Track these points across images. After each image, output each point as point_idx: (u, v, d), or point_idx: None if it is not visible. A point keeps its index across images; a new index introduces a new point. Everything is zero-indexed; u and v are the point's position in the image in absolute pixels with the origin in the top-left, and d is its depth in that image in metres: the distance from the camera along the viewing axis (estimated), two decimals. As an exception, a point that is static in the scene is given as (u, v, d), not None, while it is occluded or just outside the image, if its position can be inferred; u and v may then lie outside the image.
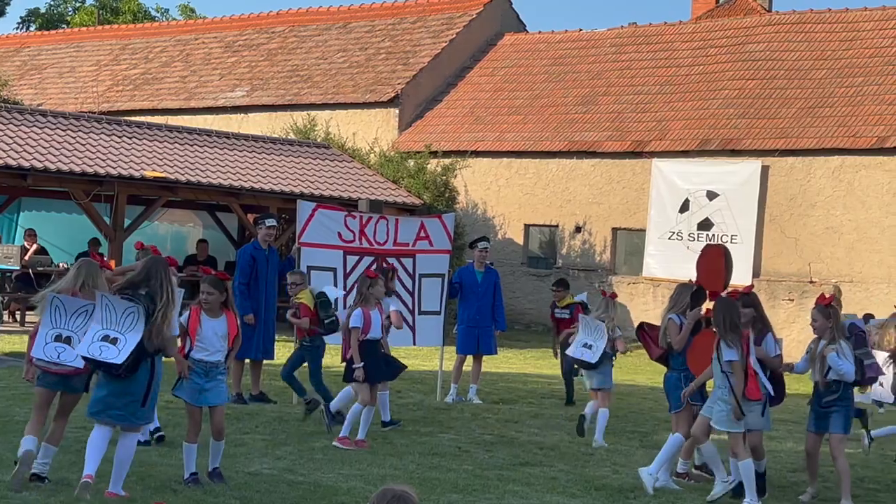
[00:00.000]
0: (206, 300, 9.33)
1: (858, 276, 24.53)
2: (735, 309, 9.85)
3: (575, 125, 29.26)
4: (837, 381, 10.01)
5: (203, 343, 9.28)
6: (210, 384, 9.31)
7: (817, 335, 10.22)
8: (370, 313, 11.92)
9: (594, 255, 28.51)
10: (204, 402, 9.32)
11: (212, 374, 9.31)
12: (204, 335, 9.28)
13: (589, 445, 12.70)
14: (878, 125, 24.91)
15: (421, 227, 15.18)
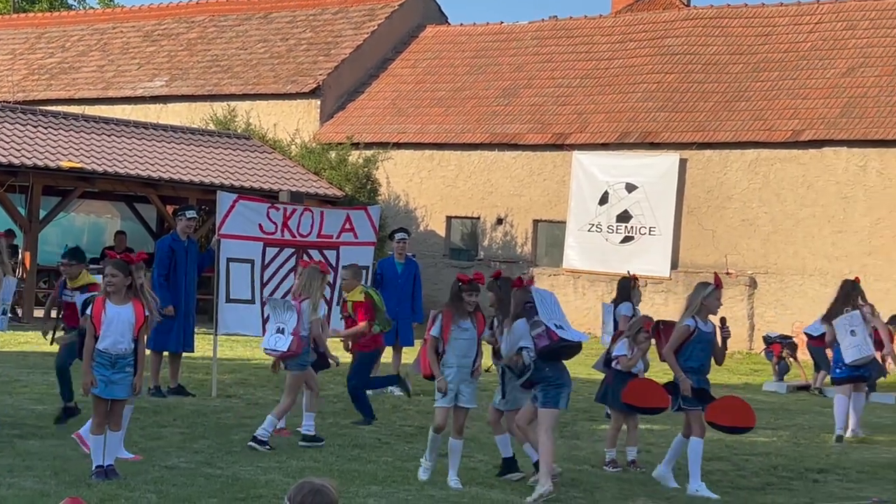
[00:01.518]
0: (111, 282, 8.98)
1: (774, 268, 24.93)
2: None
3: (496, 117, 29.36)
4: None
5: (109, 332, 9.00)
6: (118, 376, 9.07)
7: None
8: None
9: (515, 246, 28.65)
10: (110, 395, 9.12)
11: (119, 364, 9.05)
12: (109, 323, 8.99)
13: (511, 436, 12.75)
14: (793, 119, 25.32)
15: (346, 219, 15.13)
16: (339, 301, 13.83)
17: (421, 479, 9.81)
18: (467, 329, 9.77)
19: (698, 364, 10.18)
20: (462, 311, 9.78)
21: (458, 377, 9.79)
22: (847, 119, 24.66)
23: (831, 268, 24.05)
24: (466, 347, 9.77)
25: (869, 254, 23.89)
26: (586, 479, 10.58)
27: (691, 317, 10.15)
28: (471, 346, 9.81)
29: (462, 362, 9.79)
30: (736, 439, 12.77)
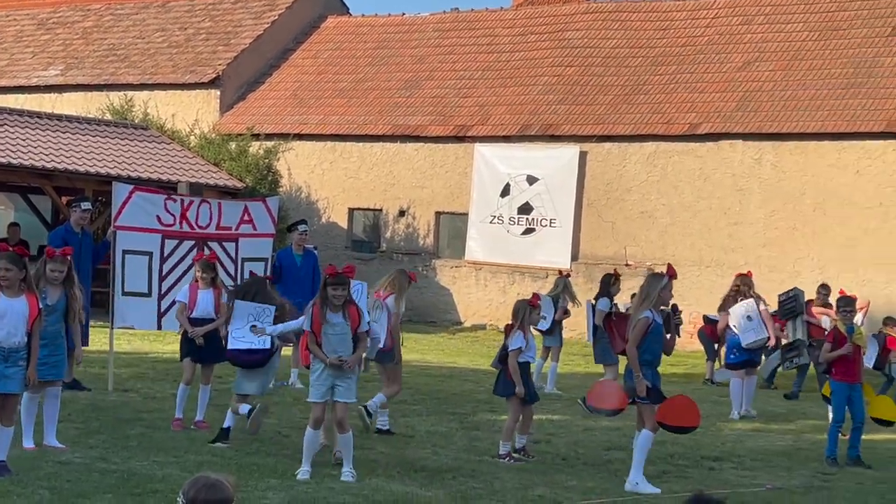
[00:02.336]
0: (5, 276, 8.87)
1: (671, 259, 25.21)
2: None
3: (399, 109, 29.31)
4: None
5: (2, 325, 8.87)
6: (11, 370, 8.92)
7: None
8: (199, 292, 11.74)
9: (418, 238, 28.66)
10: (3, 389, 8.93)
11: (12, 358, 8.91)
12: (2, 316, 8.87)
13: (411, 428, 12.76)
14: (690, 112, 25.69)
15: (245, 210, 14.97)
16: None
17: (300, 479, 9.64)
18: (337, 324, 9.67)
19: (652, 357, 10.25)
20: (330, 305, 9.69)
21: (332, 372, 9.69)
22: (743, 113, 25.08)
23: (727, 259, 24.46)
24: (336, 342, 9.67)
25: (764, 245, 24.34)
26: (486, 470, 10.62)
27: (648, 309, 10.19)
28: (341, 341, 9.66)
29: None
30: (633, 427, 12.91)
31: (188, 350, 11.75)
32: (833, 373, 12.43)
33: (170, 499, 8.45)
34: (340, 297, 9.67)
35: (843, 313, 12.51)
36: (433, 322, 27.57)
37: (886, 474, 11.75)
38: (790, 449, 13.08)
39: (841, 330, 12.39)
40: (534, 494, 9.68)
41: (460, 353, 22.09)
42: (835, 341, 12.35)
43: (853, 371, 12.39)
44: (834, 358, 12.31)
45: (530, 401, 11.43)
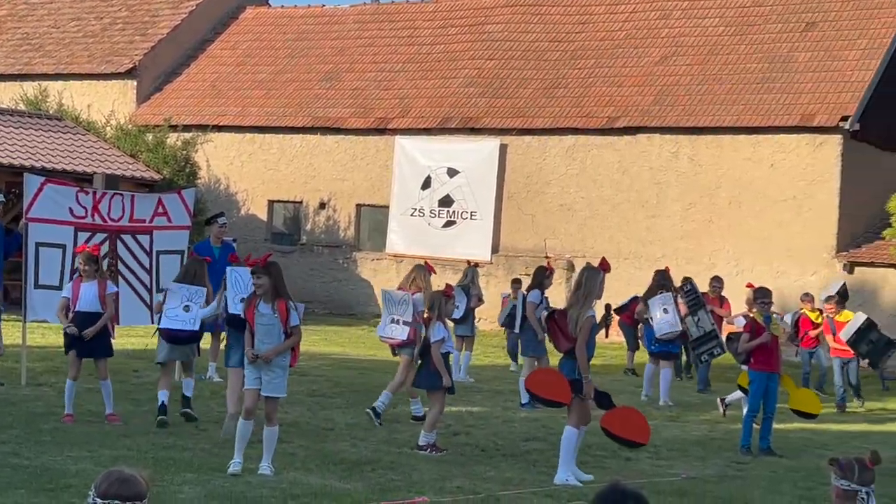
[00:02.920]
0: None
1: (590, 252, 25.42)
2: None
3: (319, 101, 29.17)
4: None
5: None
6: None
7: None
8: (81, 285, 11.61)
9: (338, 231, 28.55)
10: None
11: None
12: None
13: (330, 421, 12.70)
14: (609, 106, 25.89)
15: (159, 202, 14.79)
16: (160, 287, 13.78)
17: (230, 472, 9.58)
18: (265, 314, 9.63)
19: (591, 353, 10.32)
20: (260, 295, 9.66)
21: (259, 363, 9.64)
22: (660, 107, 25.34)
23: (645, 251, 24.71)
24: (263, 332, 9.61)
25: (681, 238, 24.63)
26: (405, 462, 10.62)
27: (591, 306, 10.21)
28: (268, 332, 9.61)
29: (258, 347, 9.63)
30: (551, 419, 13.00)
31: (70, 344, 11.65)
32: (752, 363, 12.62)
33: (83, 493, 8.33)
34: (259, 286, 9.62)
35: (761, 304, 12.70)
36: (353, 315, 27.50)
37: (799, 463, 11.96)
38: (705, 439, 13.25)
39: (758, 320, 12.58)
40: (452, 486, 9.70)
41: (381, 346, 21.98)
42: (752, 332, 12.53)
43: (772, 361, 12.59)
44: (752, 348, 12.49)
45: (450, 392, 11.45)
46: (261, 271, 9.65)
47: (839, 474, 5.49)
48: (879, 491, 5.75)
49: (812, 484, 10.41)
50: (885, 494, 9.95)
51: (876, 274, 22.85)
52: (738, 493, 10.18)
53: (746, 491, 10.30)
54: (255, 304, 9.66)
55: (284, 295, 9.71)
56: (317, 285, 28.45)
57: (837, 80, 24.01)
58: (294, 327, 9.72)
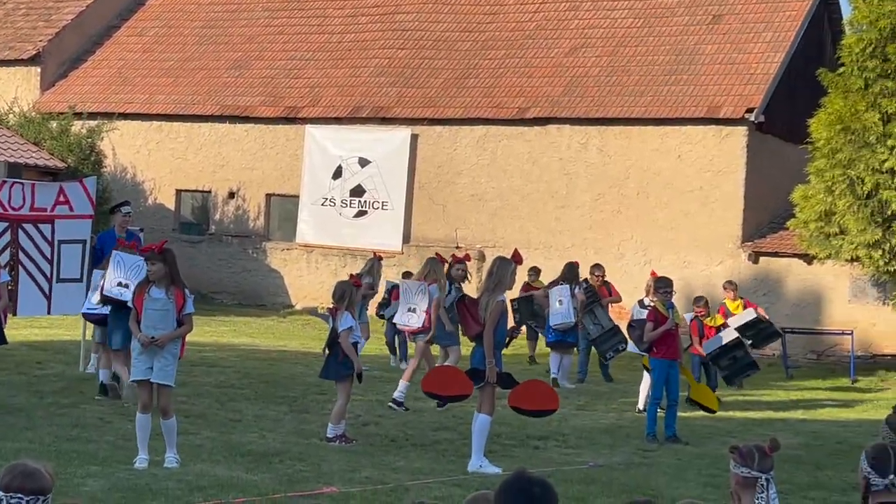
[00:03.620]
0: None
1: (501, 242, 25.53)
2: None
3: (227, 89, 28.86)
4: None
5: None
6: None
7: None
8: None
9: (248, 221, 28.31)
10: None
11: None
12: None
13: (238, 412, 12.59)
14: (519, 97, 25.99)
15: (60, 191, 14.51)
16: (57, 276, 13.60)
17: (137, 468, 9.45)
18: (158, 299, 9.50)
19: (501, 338, 10.39)
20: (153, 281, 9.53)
21: (148, 350, 9.51)
22: (570, 98, 25.50)
23: (555, 241, 24.87)
24: (157, 318, 9.48)
25: (590, 228, 24.83)
26: (314, 453, 10.57)
27: (502, 293, 10.27)
28: (162, 318, 9.48)
29: (150, 334, 9.49)
30: (461, 410, 13.05)
31: None
32: (654, 351, 12.78)
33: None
34: (153, 272, 9.50)
35: (662, 293, 12.86)
36: (263, 305, 27.30)
37: (704, 450, 12.14)
38: (613, 427, 13.40)
39: (660, 310, 12.73)
40: (361, 476, 9.68)
41: (291, 337, 21.93)
42: (655, 321, 12.69)
43: (673, 349, 12.77)
44: (657, 337, 12.65)
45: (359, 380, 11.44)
46: (155, 257, 9.53)
47: (739, 462, 5.57)
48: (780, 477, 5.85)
49: (716, 471, 10.56)
50: (785, 481, 10.16)
51: (780, 264, 23.28)
52: (644, 480, 10.30)
53: (652, 478, 10.42)
54: (147, 290, 9.53)
55: (179, 282, 9.59)
56: (225, 275, 28.19)
57: (743, 73, 24.38)
58: (187, 315, 9.60)
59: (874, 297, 22.39)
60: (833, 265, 21.50)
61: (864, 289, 22.46)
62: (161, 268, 9.47)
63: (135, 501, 8.32)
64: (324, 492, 8.82)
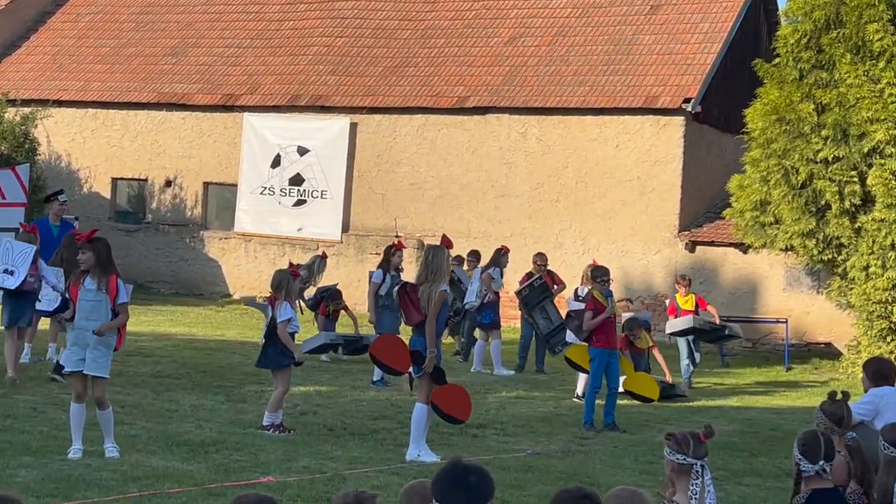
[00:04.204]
0: None
1: (440, 231, 25.46)
2: None
3: (164, 76, 28.57)
4: None
5: None
6: None
7: None
8: None
9: (185, 209, 28.05)
10: None
11: None
12: None
13: (174, 402, 12.48)
14: (459, 86, 25.98)
15: (-8, 179, 14.32)
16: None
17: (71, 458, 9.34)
18: (90, 290, 9.40)
19: (442, 328, 10.44)
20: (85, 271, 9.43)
21: (81, 340, 9.39)
22: (509, 87, 25.54)
23: (494, 231, 24.91)
24: (89, 309, 9.38)
25: (529, 217, 24.90)
26: (251, 443, 10.51)
27: (443, 282, 10.24)
28: (94, 308, 9.39)
29: (83, 324, 9.40)
30: (400, 399, 13.04)
31: None
32: (593, 340, 12.84)
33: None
34: (84, 261, 9.39)
35: (600, 282, 12.93)
36: (201, 294, 27.09)
37: (640, 437, 12.24)
38: (551, 415, 13.46)
39: (599, 299, 12.80)
40: (298, 465, 9.64)
41: (229, 326, 21.76)
42: (594, 310, 12.75)
43: (612, 338, 12.85)
44: (596, 325, 12.72)
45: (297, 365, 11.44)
46: (85, 246, 9.42)
47: (675, 449, 5.61)
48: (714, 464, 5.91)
49: (653, 458, 10.65)
50: (720, 468, 10.27)
51: (716, 253, 23.50)
52: (580, 467, 10.36)
53: (589, 465, 10.49)
54: (82, 280, 9.41)
55: (112, 271, 9.48)
56: (162, 265, 27.94)
57: (680, 63, 24.55)
58: (121, 305, 9.48)
59: (808, 286, 22.69)
60: (768, 254, 21.75)
61: (798, 278, 22.75)
62: (90, 257, 9.36)
63: (68, 492, 8.23)
64: (260, 481, 8.78)
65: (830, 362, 21.12)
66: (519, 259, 21.42)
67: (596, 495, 4.69)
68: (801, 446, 6.06)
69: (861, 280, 18.60)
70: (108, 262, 9.49)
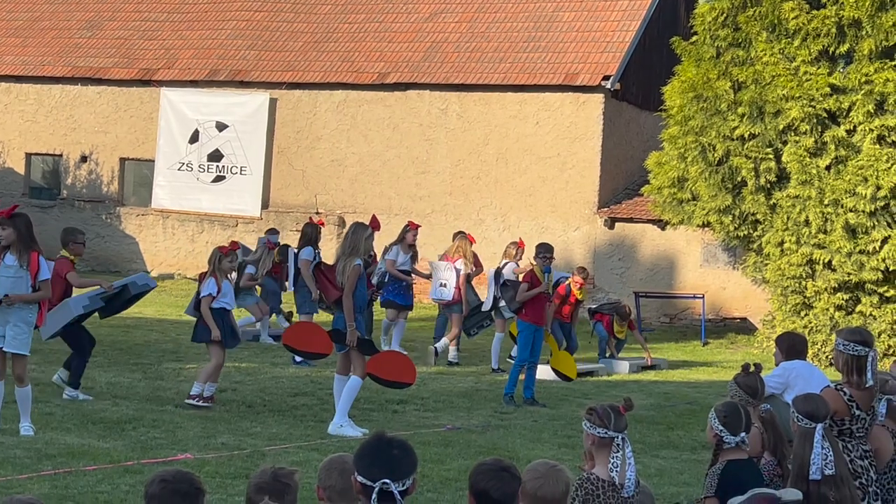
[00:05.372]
0: None
1: (361, 207, 25.46)
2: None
3: (79, 50, 28.07)
4: None
5: None
6: None
7: None
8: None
9: (101, 185, 27.64)
10: None
11: None
12: None
13: (91, 380, 12.30)
14: (379, 62, 25.87)
15: None
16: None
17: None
18: (10, 266, 9.23)
19: (362, 302, 10.42)
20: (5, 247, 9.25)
21: (1, 317, 9.21)
22: (430, 63, 25.48)
23: (415, 207, 24.89)
24: (9, 285, 9.21)
25: (449, 193, 24.91)
26: (168, 420, 10.41)
27: (358, 257, 10.26)
28: (14, 284, 9.22)
29: None
30: (319, 375, 13.00)
31: None
32: (523, 313, 12.90)
33: None
34: (4, 237, 9.23)
35: (542, 258, 12.98)
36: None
37: (559, 412, 12.33)
38: (471, 390, 13.50)
39: (538, 273, 12.88)
40: (217, 442, 9.57)
41: (146, 304, 21.39)
42: (531, 283, 12.84)
43: (541, 315, 12.92)
44: (529, 298, 12.78)
45: (228, 346, 11.35)
46: (5, 222, 9.24)
47: (597, 422, 5.65)
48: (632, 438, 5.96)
49: (572, 432, 10.74)
50: (637, 441, 10.38)
51: (635, 229, 23.72)
52: (500, 441, 10.42)
53: (509, 440, 10.55)
54: (2, 257, 9.24)
55: (34, 248, 9.32)
56: (79, 241, 27.47)
57: (600, 40, 24.68)
58: (43, 281, 9.33)
59: (724, 262, 23.01)
60: (685, 230, 22.00)
61: (714, 254, 23.06)
62: (11, 233, 9.20)
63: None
64: (178, 458, 8.70)
65: (746, 337, 21.47)
66: (439, 236, 21.44)
67: (514, 468, 4.71)
68: (721, 418, 6.14)
69: (776, 256, 18.90)
70: (30, 238, 9.33)
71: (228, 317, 11.45)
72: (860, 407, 6.60)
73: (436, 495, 8.19)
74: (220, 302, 11.30)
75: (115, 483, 7.95)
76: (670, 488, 8.74)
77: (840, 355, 6.69)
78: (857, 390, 6.59)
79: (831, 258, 18.22)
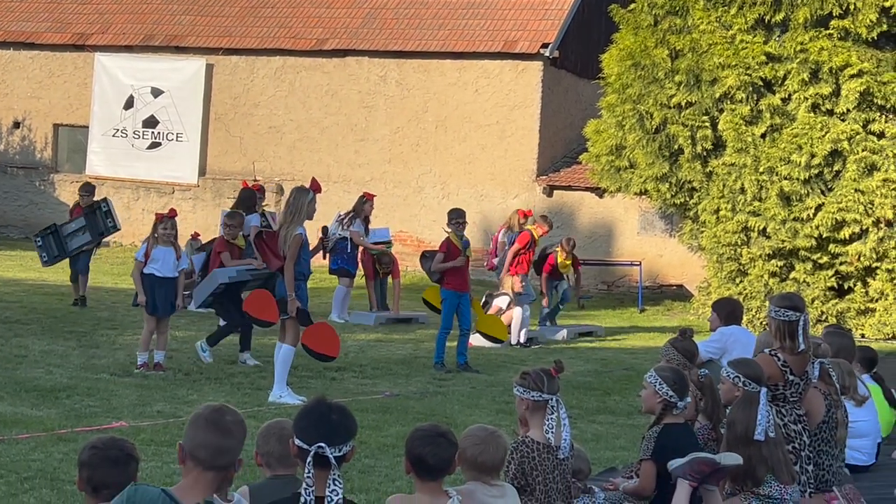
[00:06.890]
0: None
1: (300, 175, 25.27)
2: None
3: (11, 14, 27.56)
4: None
5: None
6: None
7: None
8: None
9: (35, 152, 27.23)
10: None
11: None
12: None
13: (24, 348, 12.14)
14: (318, 28, 25.66)
15: None
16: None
17: None
18: None
19: (307, 270, 10.37)
20: None
21: None
22: (368, 30, 25.32)
23: (354, 175, 24.78)
24: None
25: (389, 161, 24.83)
26: (103, 388, 10.31)
27: (300, 224, 10.17)
28: None
29: None
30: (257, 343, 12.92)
31: None
32: (445, 282, 12.89)
33: None
34: None
35: (455, 225, 12.96)
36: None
37: (496, 377, 12.37)
38: (409, 357, 13.51)
39: (454, 241, 12.85)
40: (152, 410, 9.50)
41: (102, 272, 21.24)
42: (448, 252, 12.80)
43: (463, 282, 12.92)
44: (446, 269, 12.78)
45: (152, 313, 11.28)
46: None
47: (532, 386, 5.68)
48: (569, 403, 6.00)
49: (509, 398, 10.72)
50: (574, 406, 10.46)
51: (573, 197, 23.81)
52: (438, 407, 10.44)
53: (447, 406, 10.57)
54: None
55: None
56: (12, 208, 27.11)
57: (539, 8, 24.65)
58: None
59: (661, 230, 23.19)
60: (623, 198, 22.12)
61: (652, 221, 23.23)
62: None
63: None
64: (112, 426, 8.61)
65: (682, 304, 21.68)
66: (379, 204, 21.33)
67: (451, 434, 4.72)
68: (672, 384, 6.19)
69: (712, 223, 19.07)
70: None
71: (165, 284, 11.37)
72: (794, 372, 6.68)
73: (373, 461, 8.19)
74: (150, 268, 11.29)
75: (49, 451, 7.86)
76: (606, 453, 8.81)
77: (772, 321, 6.77)
78: (791, 355, 6.67)
79: (766, 225, 18.42)
